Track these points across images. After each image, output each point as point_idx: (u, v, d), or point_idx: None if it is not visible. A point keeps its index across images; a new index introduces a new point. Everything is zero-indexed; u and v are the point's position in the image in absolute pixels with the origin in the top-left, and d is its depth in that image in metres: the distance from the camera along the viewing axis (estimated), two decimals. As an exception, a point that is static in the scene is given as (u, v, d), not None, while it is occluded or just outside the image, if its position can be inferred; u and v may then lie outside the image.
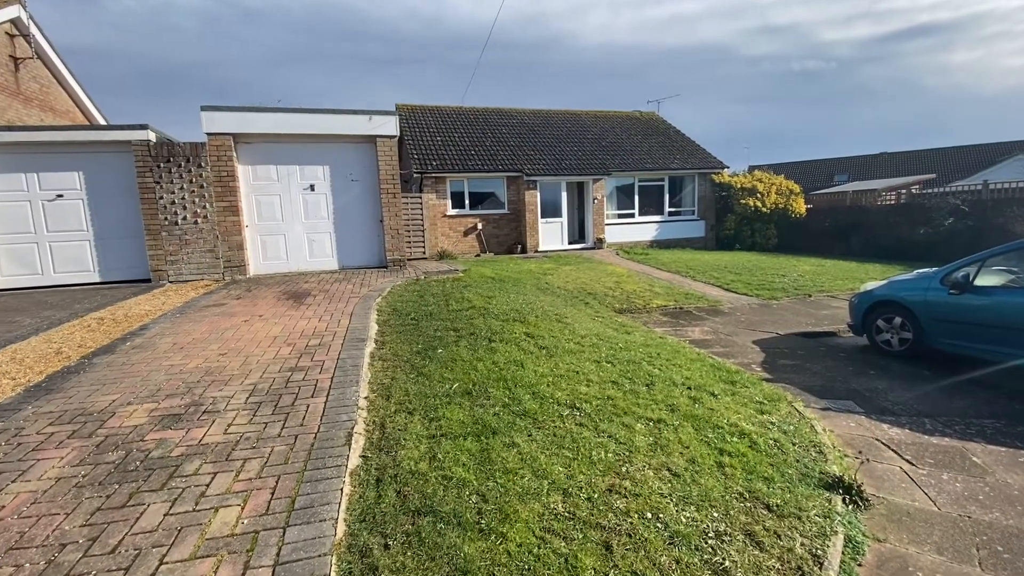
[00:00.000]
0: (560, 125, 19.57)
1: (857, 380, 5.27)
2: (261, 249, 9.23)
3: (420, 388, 3.92)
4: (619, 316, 8.06)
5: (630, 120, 21.25)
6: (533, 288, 9.14)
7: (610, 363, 4.77)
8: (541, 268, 12.37)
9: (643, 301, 9.41)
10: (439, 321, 5.84)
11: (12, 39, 11.80)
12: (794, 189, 18.45)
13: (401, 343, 5.09)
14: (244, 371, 4.26)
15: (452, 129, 17.80)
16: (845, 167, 39.87)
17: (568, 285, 10.26)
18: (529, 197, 16.08)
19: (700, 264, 13.46)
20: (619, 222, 17.91)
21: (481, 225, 16.21)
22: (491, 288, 7.99)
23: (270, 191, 9.15)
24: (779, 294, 10.08)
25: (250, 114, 8.70)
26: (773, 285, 10.77)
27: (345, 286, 7.93)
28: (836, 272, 12.27)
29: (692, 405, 3.83)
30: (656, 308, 9.13)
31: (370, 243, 9.71)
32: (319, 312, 6.22)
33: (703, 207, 18.84)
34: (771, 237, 18.25)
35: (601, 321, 7.23)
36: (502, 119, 19.23)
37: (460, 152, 16.46)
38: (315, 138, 9.17)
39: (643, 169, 17.62)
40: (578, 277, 11.22)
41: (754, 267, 12.98)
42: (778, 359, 6.02)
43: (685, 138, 20.30)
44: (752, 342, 6.84)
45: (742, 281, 11.24)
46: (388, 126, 9.26)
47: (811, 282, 11.07)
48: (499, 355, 4.70)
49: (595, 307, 8.55)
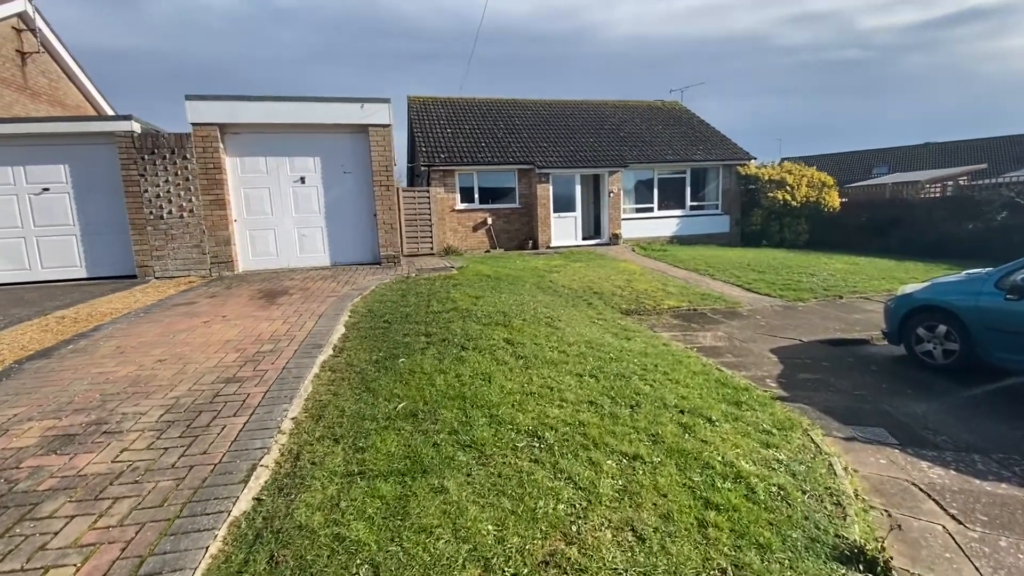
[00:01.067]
0: (576, 116, 18.78)
1: (891, 401, 4.48)
2: (250, 244, 8.87)
3: (360, 408, 3.37)
4: (623, 319, 7.37)
5: (651, 110, 20.29)
6: (532, 287, 8.51)
7: (594, 377, 4.12)
8: (548, 265, 11.71)
9: (653, 302, 8.67)
10: (413, 324, 5.29)
11: (19, 33, 11.77)
12: (827, 181, 17.23)
13: (361, 350, 4.56)
14: (174, 382, 3.80)
15: (463, 121, 17.24)
16: (885, 158, 37.73)
17: (573, 283, 9.58)
18: (541, 191, 15.40)
19: (721, 261, 12.56)
20: (637, 217, 17.06)
21: (491, 220, 15.63)
22: (483, 287, 7.40)
23: (259, 184, 8.77)
24: (806, 295, 9.18)
25: (237, 103, 8.31)
26: (800, 285, 9.85)
27: (328, 284, 7.46)
28: (872, 271, 11.22)
29: (681, 435, 3.16)
30: (667, 310, 8.38)
31: (364, 238, 9.24)
32: (287, 313, 5.75)
33: (728, 201, 17.81)
34: (801, 233, 17.10)
35: (600, 325, 6.56)
36: (515, 110, 18.57)
37: (470, 144, 15.89)
38: (305, 128, 8.73)
39: (663, 161, 16.71)
40: (586, 275, 10.52)
41: (780, 265, 12.02)
42: (798, 372, 5.25)
43: (709, 128, 19.24)
44: (770, 351, 6.06)
45: (765, 280, 10.35)
46: (381, 114, 8.75)
47: (843, 282, 10.10)
48: (467, 366, 4.11)
49: (598, 308, 7.87)
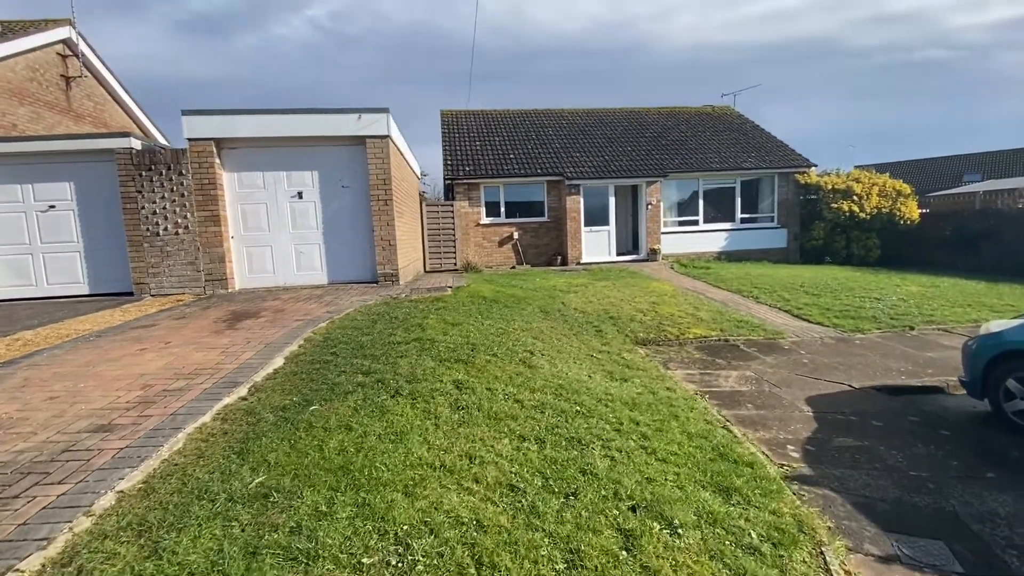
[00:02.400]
0: (615, 124, 17.75)
1: (962, 490, 3.21)
2: (247, 261, 8.56)
3: (210, 481, 2.64)
4: (633, 351, 6.31)
5: (699, 116, 18.89)
6: (535, 311, 7.61)
7: (540, 442, 3.19)
8: (569, 283, 10.75)
9: (678, 330, 7.52)
10: (359, 359, 4.56)
11: (64, 59, 12.39)
12: (903, 190, 15.15)
13: (279, 392, 3.87)
14: (40, 427, 3.25)
15: (493, 133, 16.68)
16: (978, 164, 33.69)
17: (589, 306, 8.58)
18: (571, 203, 14.47)
19: (770, 281, 11.08)
20: (679, 231, 15.71)
21: (518, 235, 14.86)
22: (469, 312, 6.60)
23: (256, 199, 8.47)
24: (867, 324, 7.68)
25: (232, 117, 8.07)
26: (861, 312, 8.31)
27: (307, 305, 6.93)
28: (954, 295, 9.40)
29: (615, 556, 2.19)
30: (692, 340, 7.21)
31: (362, 255, 8.71)
32: (236, 341, 5.20)
33: (784, 213, 16.07)
34: (872, 248, 15.09)
35: (596, 360, 5.56)
36: (549, 120, 17.80)
37: (497, 156, 15.26)
38: (303, 141, 8.36)
39: (708, 170, 15.32)
40: (608, 296, 9.48)
41: (840, 286, 10.40)
42: (835, 435, 4.03)
43: (764, 133, 17.59)
44: (806, 399, 4.83)
45: (819, 305, 8.87)
46: (378, 125, 8.23)
47: (916, 309, 8.44)
48: (383, 420, 3.31)
49: (607, 337, 6.85)
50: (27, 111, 10.93)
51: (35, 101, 11.28)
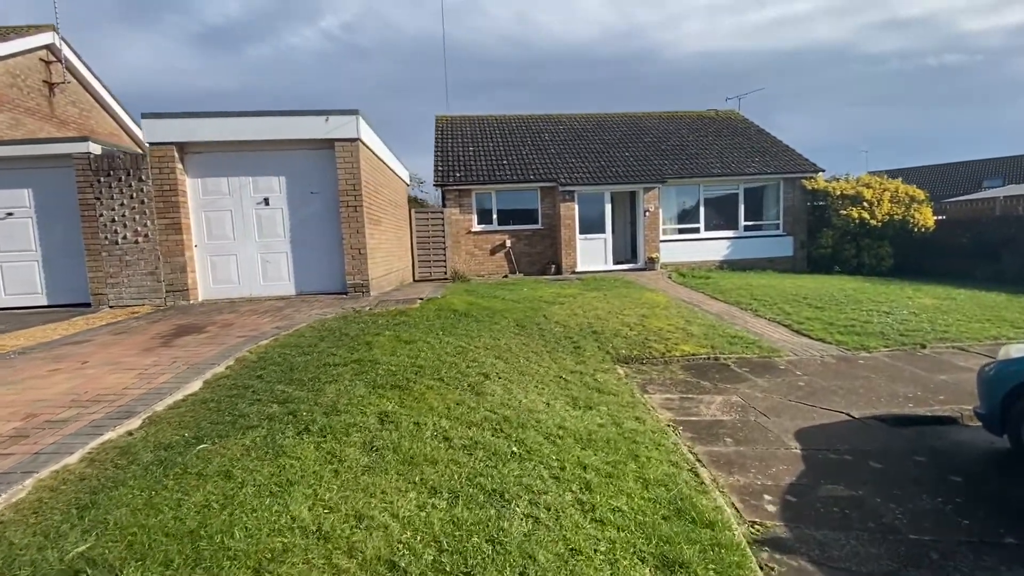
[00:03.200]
0: (613, 129, 17.23)
1: (974, 562, 2.58)
2: (210, 271, 8.15)
3: (10, 555, 2.14)
4: (610, 371, 5.74)
5: (701, 120, 18.30)
6: (509, 326, 7.07)
7: (453, 496, 2.64)
8: (558, 294, 10.19)
9: (664, 346, 6.93)
10: (284, 385, 4.05)
11: (48, 65, 12.21)
12: (916, 196, 14.39)
13: (173, 426, 3.37)
14: None
15: (487, 138, 16.25)
16: (999, 169, 32.57)
17: (572, 320, 8.02)
18: (565, 210, 13.94)
19: (771, 293, 10.42)
20: (679, 238, 15.09)
21: (510, 242, 14.35)
22: (431, 328, 6.08)
23: (220, 206, 8.07)
24: (873, 341, 7.01)
25: (194, 120, 7.69)
26: (867, 327, 7.64)
27: (260, 319, 6.46)
28: (972, 309, 8.67)
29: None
30: (678, 358, 6.61)
31: (332, 265, 8.26)
32: (163, 360, 4.73)
33: (791, 220, 15.38)
34: (884, 257, 14.33)
35: (564, 383, 5.00)
36: (546, 125, 17.34)
37: (490, 162, 14.81)
38: (269, 145, 7.96)
39: (709, 175, 14.71)
40: (596, 308, 8.91)
41: (847, 298, 9.71)
42: (824, 480, 3.41)
43: (769, 138, 16.94)
44: (796, 433, 4.21)
45: (822, 319, 8.21)
46: (347, 128, 7.80)
47: (928, 324, 7.75)
48: (275, 465, 2.79)
49: (585, 355, 6.28)
50: (6, 117, 10.70)
51: (15, 107, 11.06)
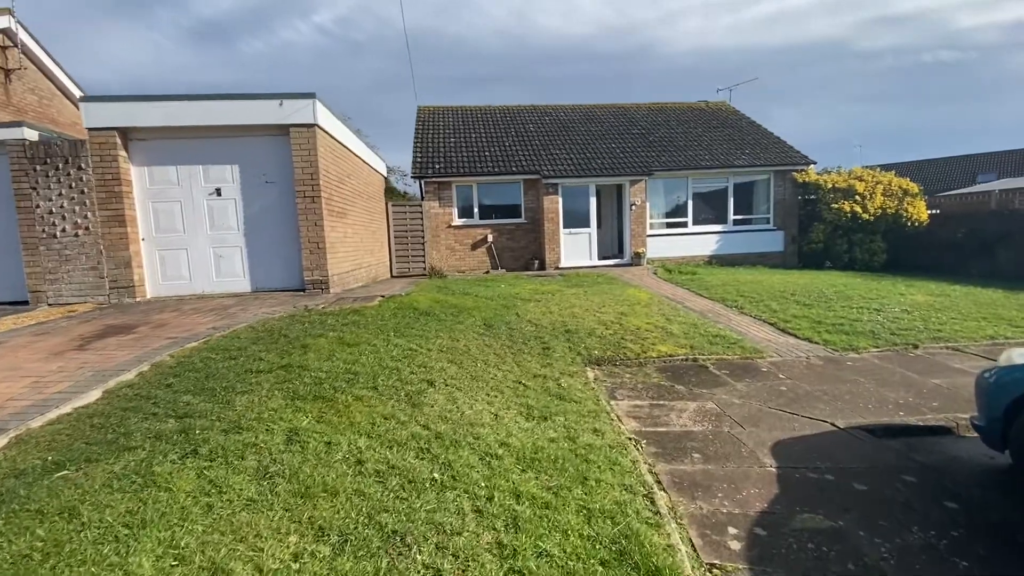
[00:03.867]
0: (600, 120, 16.73)
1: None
2: (159, 266, 7.62)
3: None
4: (576, 375, 5.28)
5: (691, 111, 17.82)
6: (475, 326, 6.60)
7: (343, 539, 2.16)
8: (536, 291, 9.72)
9: (640, 347, 6.47)
10: (190, 395, 3.56)
11: (4, 51, 11.61)
12: (910, 189, 13.99)
13: (42, 447, 2.88)
14: None
15: (470, 129, 15.72)
16: (993, 164, 32.32)
17: (547, 317, 7.55)
18: (548, 203, 13.45)
19: (758, 289, 9.99)
20: (666, 233, 14.64)
21: (492, 237, 13.86)
22: (383, 329, 5.59)
23: (169, 196, 7.53)
24: (863, 341, 6.58)
25: (138, 104, 7.15)
26: (857, 326, 7.21)
27: (200, 319, 5.96)
28: (967, 306, 8.26)
29: None
30: (655, 359, 6.16)
31: (289, 260, 7.75)
32: (69, 366, 4.23)
33: (781, 214, 14.96)
34: (876, 252, 13.93)
35: (522, 390, 4.53)
36: (531, 116, 16.82)
37: (472, 154, 14.29)
38: (221, 131, 7.42)
39: (697, 167, 14.24)
40: (573, 305, 8.44)
41: (837, 295, 9.28)
42: (800, 507, 2.96)
43: (759, 129, 16.49)
44: (772, 447, 3.76)
45: (810, 317, 7.78)
46: (304, 113, 7.27)
47: (922, 322, 7.32)
48: (138, 499, 2.31)
49: (553, 356, 5.82)
50: (-47, 104, 10.12)
51: (-36, 94, 10.47)
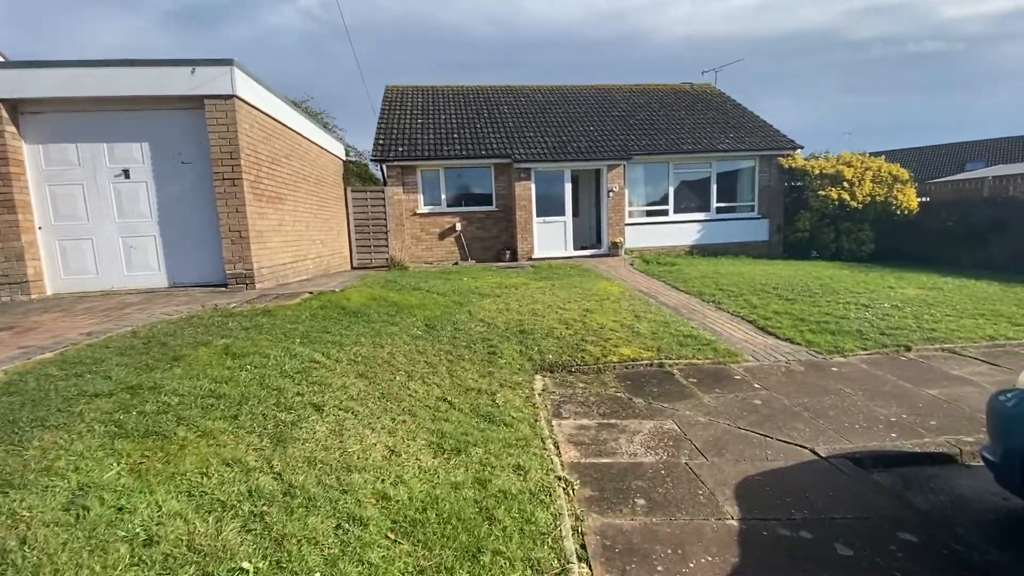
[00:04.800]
0: (578, 102, 15.85)
1: None
2: (60, 258, 6.71)
3: None
4: (519, 387, 4.51)
5: (674, 94, 16.99)
6: (414, 327, 5.80)
7: None
8: (499, 285, 8.92)
9: (602, 349, 5.72)
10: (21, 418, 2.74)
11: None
12: (900, 176, 13.34)
13: None
14: None
15: (439, 110, 14.77)
16: (981, 152, 31.92)
17: (502, 316, 6.77)
18: (520, 190, 12.61)
19: (739, 282, 9.27)
20: (646, 222, 13.89)
21: (461, 226, 13.00)
22: (291, 334, 4.76)
23: (69, 179, 6.60)
24: (849, 342, 5.88)
25: (28, 71, 6.19)
26: (844, 324, 6.51)
27: (82, 321, 5.08)
28: (962, 301, 7.60)
29: None
30: (616, 364, 5.41)
31: (212, 251, 6.86)
32: None
33: (766, 201, 14.25)
34: (864, 242, 13.30)
35: (448, 407, 3.75)
36: (505, 97, 15.89)
37: (439, 135, 13.36)
38: (127, 103, 6.49)
39: (679, 152, 13.45)
40: (536, 301, 7.67)
41: (823, 288, 8.59)
42: (768, 586, 2.23)
43: (745, 113, 15.72)
44: (737, 488, 3.01)
45: (792, 314, 7.07)
46: (220, 82, 6.35)
47: (914, 320, 6.64)
48: None
49: (499, 363, 5.05)
50: None
51: None
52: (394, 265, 10.83)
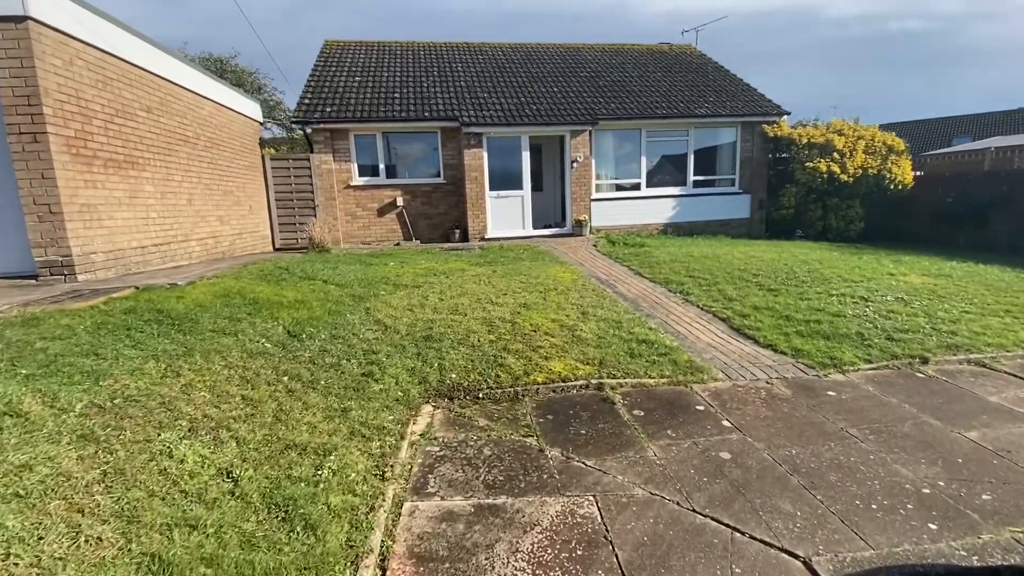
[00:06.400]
0: (543, 62, 14.09)
1: None
2: None
3: None
4: (384, 434, 3.07)
5: (651, 54, 15.30)
6: (264, 336, 4.26)
7: None
8: (428, 272, 7.39)
9: (527, 362, 4.28)
10: None
11: None
12: (895, 146, 11.98)
13: None
14: None
15: (383, 68, 12.90)
16: (968, 128, 30.85)
17: (409, 315, 5.27)
18: (471, 159, 10.96)
19: (714, 266, 7.87)
20: (616, 196, 12.37)
21: (403, 201, 11.34)
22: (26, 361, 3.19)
23: None
24: (848, 351, 4.51)
25: None
26: (839, 324, 5.13)
27: None
28: (977, 291, 6.28)
29: None
30: (540, 386, 3.97)
31: (15, 230, 5.17)
32: None
33: (748, 175, 12.80)
34: (853, 219, 12.01)
35: (245, 488, 2.26)
36: (461, 55, 14.05)
37: (377, 94, 11.56)
38: None
39: (652, 117, 11.86)
40: (464, 294, 6.17)
41: (812, 274, 7.22)
42: None
43: (727, 75, 14.15)
44: None
45: (775, 309, 5.68)
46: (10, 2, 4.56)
47: (925, 318, 5.28)
48: None
49: (373, 389, 3.59)
50: None
51: None
52: (313, 247, 9.21)
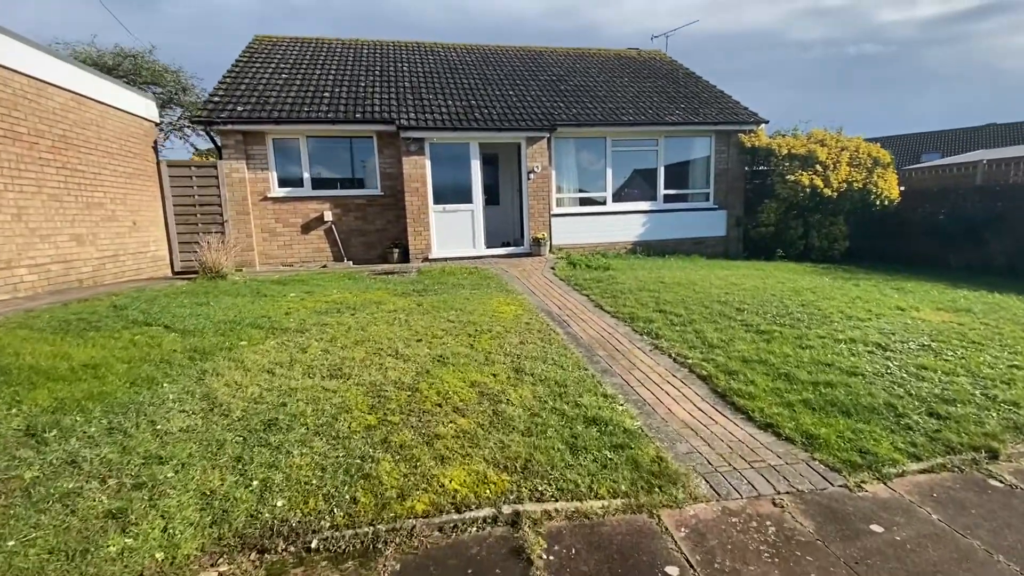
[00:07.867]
0: (499, 64, 12.78)
1: None
2: None
3: None
4: None
5: (618, 59, 14.17)
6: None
7: None
8: (330, 306, 5.82)
9: (406, 472, 2.81)
10: None
11: None
12: (881, 158, 11.00)
13: None
14: None
15: (316, 65, 11.37)
16: (935, 144, 30.99)
17: (260, 385, 3.73)
18: (411, 168, 9.47)
19: (691, 296, 6.50)
20: (579, 212, 11.03)
21: (332, 215, 9.75)
22: None
23: None
24: (883, 439, 3.12)
25: None
26: (859, 389, 3.75)
27: None
28: (1019, 333, 5.01)
29: None
30: (417, 521, 2.43)
31: None
32: None
33: (724, 188, 11.65)
34: (837, 238, 10.95)
35: None
36: (409, 55, 12.63)
37: (303, 93, 10.02)
38: None
39: (618, 123, 10.61)
40: (364, 340, 4.64)
41: (806, 308, 5.90)
42: None
43: (699, 82, 13.07)
44: None
45: (772, 363, 4.30)
46: None
47: (969, 378, 3.93)
48: None
49: (111, 549, 1.97)
50: None
51: None
52: (205, 273, 7.50)
